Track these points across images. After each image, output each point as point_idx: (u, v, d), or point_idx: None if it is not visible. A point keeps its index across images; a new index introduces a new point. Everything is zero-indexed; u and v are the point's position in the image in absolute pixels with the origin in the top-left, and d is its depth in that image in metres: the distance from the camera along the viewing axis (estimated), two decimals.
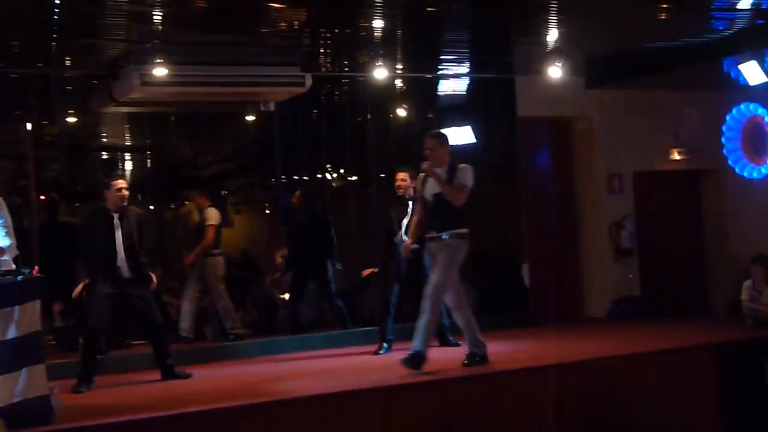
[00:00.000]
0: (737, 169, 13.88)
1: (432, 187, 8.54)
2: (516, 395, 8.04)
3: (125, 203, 8.76)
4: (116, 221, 8.69)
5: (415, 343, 8.30)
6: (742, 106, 13.84)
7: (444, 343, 10.30)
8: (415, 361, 8.20)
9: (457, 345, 10.22)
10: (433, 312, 8.36)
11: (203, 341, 11.57)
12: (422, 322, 8.35)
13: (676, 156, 13.76)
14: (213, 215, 11.21)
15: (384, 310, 10.21)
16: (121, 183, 8.80)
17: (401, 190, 10.17)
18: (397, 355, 9.88)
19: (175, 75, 10.02)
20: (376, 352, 10.11)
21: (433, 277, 8.39)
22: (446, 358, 9.47)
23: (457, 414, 7.71)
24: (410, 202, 10.07)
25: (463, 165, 8.65)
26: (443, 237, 8.45)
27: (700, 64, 11.84)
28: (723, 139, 13.86)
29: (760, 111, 13.77)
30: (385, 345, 10.14)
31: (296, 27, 10.02)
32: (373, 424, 7.40)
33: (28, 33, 9.45)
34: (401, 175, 10.18)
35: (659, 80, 12.56)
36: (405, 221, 10.08)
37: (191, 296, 11.17)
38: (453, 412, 7.69)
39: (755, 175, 13.89)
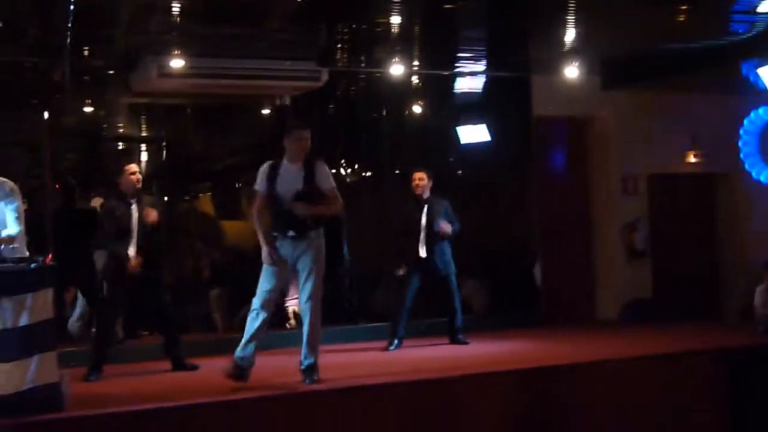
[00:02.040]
0: (753, 174, 13.86)
1: (290, 183, 7.74)
2: (520, 396, 8.05)
3: (139, 186, 8.82)
4: (133, 206, 8.76)
5: (310, 357, 7.80)
6: (760, 110, 13.81)
7: (454, 341, 10.35)
8: (311, 372, 7.79)
9: (467, 343, 10.28)
10: (316, 317, 7.81)
11: (213, 332, 11.64)
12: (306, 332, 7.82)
13: (692, 159, 13.74)
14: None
15: (400, 305, 10.26)
16: (133, 167, 8.85)
17: (419, 189, 10.25)
18: (408, 351, 9.99)
19: (192, 67, 10.09)
20: (386, 348, 10.13)
21: (311, 286, 7.73)
22: (454, 355, 9.55)
23: (450, 413, 7.74)
24: (426, 204, 10.21)
25: (320, 162, 7.88)
26: (309, 235, 7.73)
27: (718, 66, 11.83)
28: (740, 143, 13.83)
29: None
30: (395, 341, 10.18)
31: (313, 21, 10.05)
32: (379, 420, 7.44)
33: (46, 23, 9.51)
34: (419, 175, 10.28)
35: (676, 82, 12.56)
36: (423, 221, 10.18)
37: None
38: (442, 411, 7.71)
39: None
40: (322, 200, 7.80)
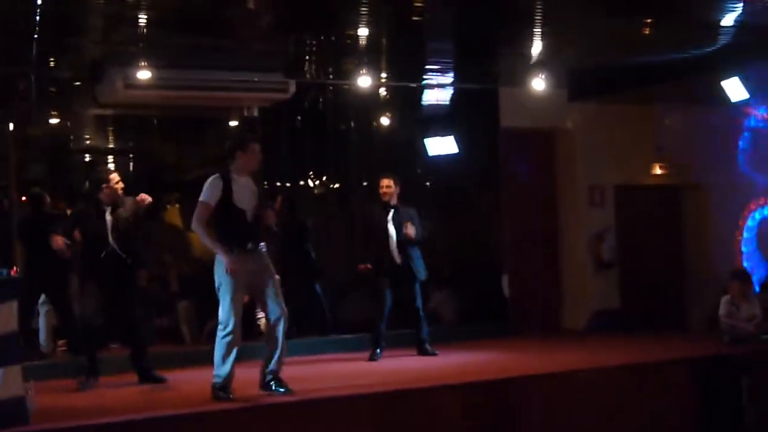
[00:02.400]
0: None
1: (248, 197, 7.75)
2: (488, 406, 8.04)
3: (121, 195, 8.73)
4: (108, 214, 8.64)
5: (276, 369, 7.77)
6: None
7: (422, 352, 10.33)
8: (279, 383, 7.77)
9: (435, 354, 10.27)
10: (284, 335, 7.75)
11: (181, 344, 11.59)
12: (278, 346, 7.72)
13: (658, 170, 13.82)
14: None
15: (378, 315, 10.25)
16: (117, 176, 8.80)
17: (387, 197, 10.26)
18: (378, 362, 9.97)
19: (158, 78, 10.03)
20: (371, 358, 10.14)
21: (280, 298, 7.71)
22: (424, 366, 9.54)
23: (419, 424, 7.73)
24: (392, 210, 10.20)
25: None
26: (262, 249, 7.76)
27: (683, 78, 11.89)
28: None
29: None
30: (378, 351, 10.16)
31: (281, 33, 10.03)
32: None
33: (11, 32, 9.42)
34: (386, 182, 10.29)
35: (642, 94, 12.62)
36: (391, 228, 10.18)
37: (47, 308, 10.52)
38: (411, 422, 7.71)
39: None
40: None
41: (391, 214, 10.26)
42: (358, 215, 12.49)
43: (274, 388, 7.70)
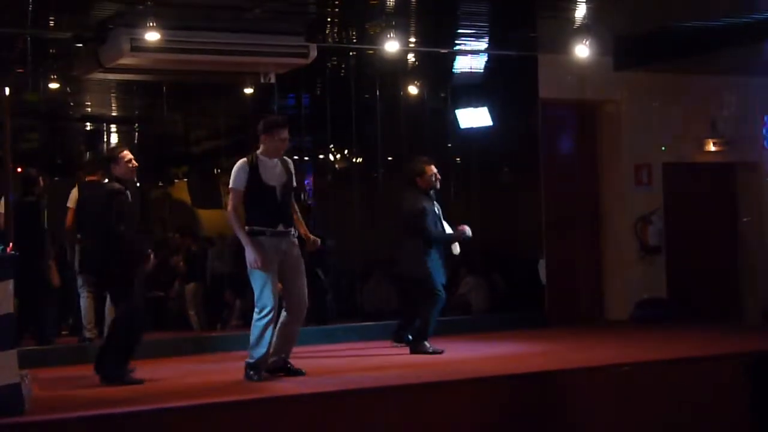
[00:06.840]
0: None
1: (279, 176, 8.12)
2: (524, 400, 8.03)
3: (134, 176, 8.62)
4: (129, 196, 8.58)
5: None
6: None
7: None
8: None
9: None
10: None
11: (189, 330, 11.63)
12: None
13: (712, 147, 13.74)
14: (71, 196, 10.24)
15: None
16: (129, 153, 8.57)
17: (430, 185, 9.84)
18: (395, 353, 9.98)
19: (168, 40, 10.04)
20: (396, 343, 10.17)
21: (305, 283, 8.13)
22: (454, 358, 9.55)
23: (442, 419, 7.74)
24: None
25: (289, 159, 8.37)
26: (293, 234, 8.13)
27: (742, 46, 11.80)
28: (765, 130, 13.78)
29: None
30: (408, 338, 10.10)
31: None
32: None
33: None
34: (436, 168, 9.85)
35: (696, 63, 12.55)
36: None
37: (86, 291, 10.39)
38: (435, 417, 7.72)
39: None
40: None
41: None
42: (381, 192, 12.48)
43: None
